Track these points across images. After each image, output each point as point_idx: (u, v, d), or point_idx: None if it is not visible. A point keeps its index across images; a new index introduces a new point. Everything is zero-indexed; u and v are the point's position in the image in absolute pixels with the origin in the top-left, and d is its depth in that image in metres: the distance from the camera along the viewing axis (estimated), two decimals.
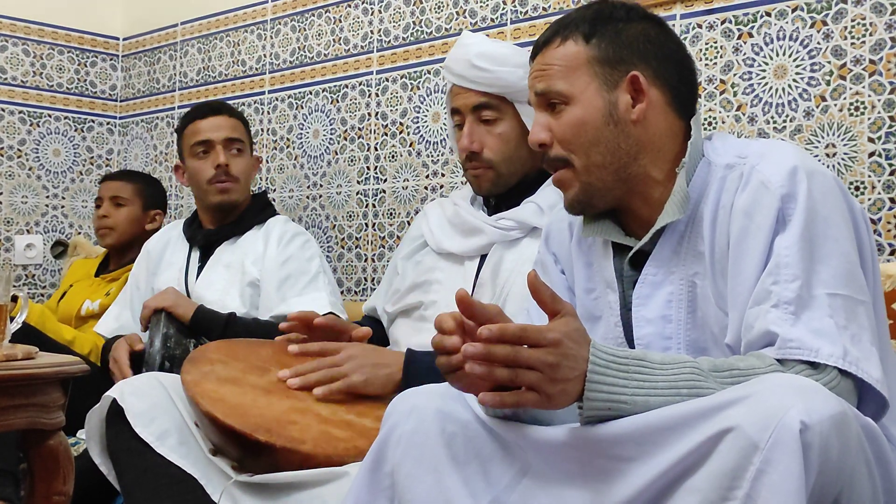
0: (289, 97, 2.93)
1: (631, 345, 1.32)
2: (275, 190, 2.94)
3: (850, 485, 0.96)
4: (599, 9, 1.31)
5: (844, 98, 1.83)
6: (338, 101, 2.78)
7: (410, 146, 2.58)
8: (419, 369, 1.63)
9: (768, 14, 1.93)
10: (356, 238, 2.70)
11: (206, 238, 2.34)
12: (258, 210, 2.37)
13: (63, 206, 3.46)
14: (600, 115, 1.27)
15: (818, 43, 1.86)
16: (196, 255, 2.34)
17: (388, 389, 1.63)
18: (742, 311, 1.17)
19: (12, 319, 1.60)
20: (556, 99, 1.29)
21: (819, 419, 0.92)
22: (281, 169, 2.94)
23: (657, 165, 1.29)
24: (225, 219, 2.35)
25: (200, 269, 2.31)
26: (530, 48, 1.37)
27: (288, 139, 2.92)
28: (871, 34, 1.80)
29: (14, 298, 1.65)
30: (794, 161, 1.18)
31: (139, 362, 2.13)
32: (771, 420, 0.92)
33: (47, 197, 3.43)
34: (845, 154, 1.82)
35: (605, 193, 1.30)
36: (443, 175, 2.50)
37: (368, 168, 2.68)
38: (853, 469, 0.96)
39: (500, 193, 1.85)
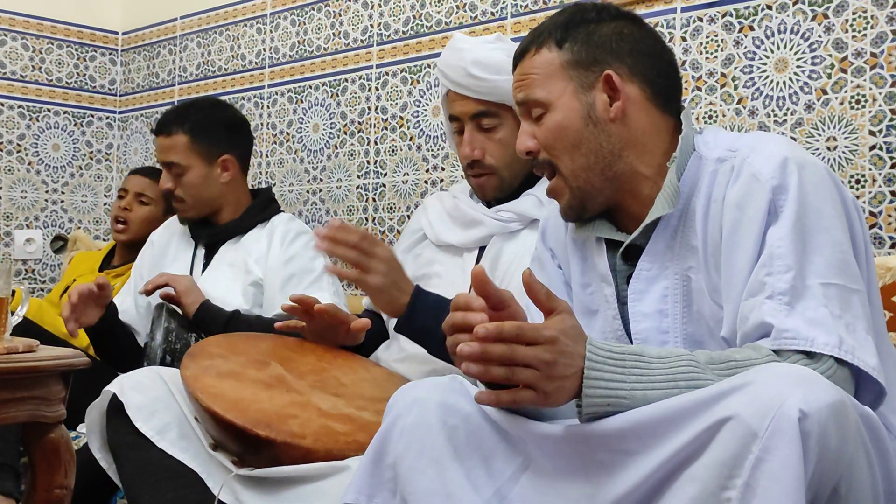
0: (288, 91, 2.93)
1: (630, 338, 1.32)
2: (275, 184, 2.94)
3: (849, 473, 0.97)
4: (572, 13, 1.33)
5: (845, 91, 1.83)
6: (338, 95, 2.77)
7: (410, 140, 2.58)
8: (425, 306, 1.66)
9: (769, 7, 1.93)
10: None
11: (210, 237, 2.33)
12: (261, 207, 2.36)
13: (63, 201, 3.46)
14: (578, 117, 1.28)
15: (819, 36, 1.86)
16: (201, 252, 2.34)
17: (391, 309, 1.68)
18: (736, 303, 1.18)
19: (12, 313, 1.60)
20: (537, 107, 1.30)
21: (817, 407, 0.92)
22: (281, 163, 2.94)
23: (644, 162, 1.29)
24: (222, 218, 2.34)
25: (205, 266, 2.31)
26: None
27: (288, 133, 2.92)
28: (872, 27, 1.80)
29: (13, 293, 1.65)
30: (784, 153, 1.18)
31: (140, 357, 2.13)
32: (769, 409, 0.92)
33: (47, 192, 3.43)
34: (846, 147, 1.82)
35: (595, 196, 1.31)
36: (443, 169, 2.50)
37: (368, 162, 2.68)
38: (852, 457, 0.97)
39: (504, 197, 1.85)
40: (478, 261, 1.84)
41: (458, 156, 1.85)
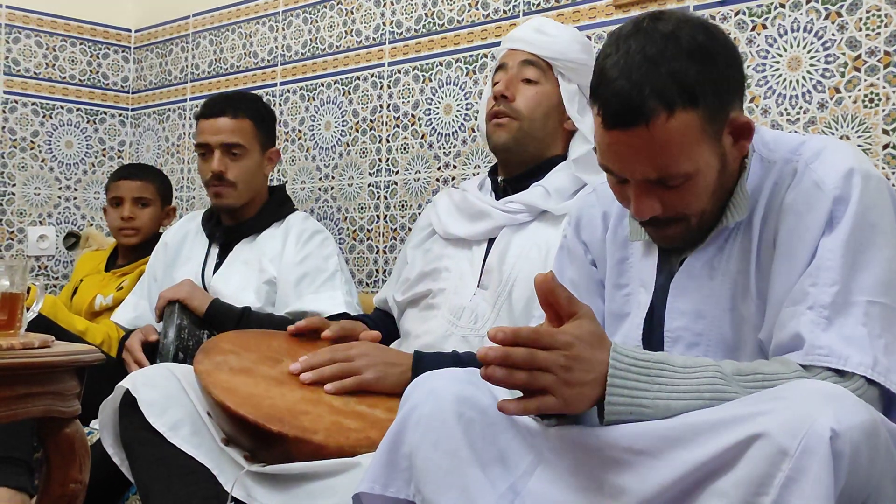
0: (300, 89, 2.93)
1: (647, 345, 1.31)
2: (287, 182, 2.94)
3: (876, 492, 0.96)
4: (683, 48, 1.11)
5: (859, 90, 1.82)
6: (350, 93, 2.78)
7: (422, 138, 2.58)
8: (428, 370, 1.63)
9: (782, 5, 1.92)
10: (368, 230, 2.70)
11: (225, 235, 2.34)
12: (277, 206, 2.37)
13: (75, 198, 3.48)
14: (716, 171, 1.18)
15: (833, 34, 1.85)
16: (215, 250, 2.35)
17: (399, 389, 1.63)
18: (779, 308, 1.16)
19: (28, 309, 1.60)
20: (677, 179, 1.15)
21: (849, 427, 0.91)
22: (293, 161, 2.94)
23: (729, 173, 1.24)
24: (241, 215, 2.35)
25: (218, 265, 2.32)
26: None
27: (300, 131, 2.93)
28: (886, 25, 1.79)
29: (28, 290, 1.66)
30: (850, 163, 1.16)
31: (153, 353, 2.13)
32: (800, 427, 0.91)
33: (60, 188, 3.44)
34: (859, 146, 1.81)
35: (709, 226, 1.25)
36: (454, 167, 2.50)
37: (380, 160, 2.68)
38: (881, 476, 0.96)
39: (512, 158, 1.86)
40: (486, 254, 1.84)
41: (486, 111, 1.87)
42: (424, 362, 1.65)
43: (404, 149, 2.62)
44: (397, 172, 2.63)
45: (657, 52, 1.10)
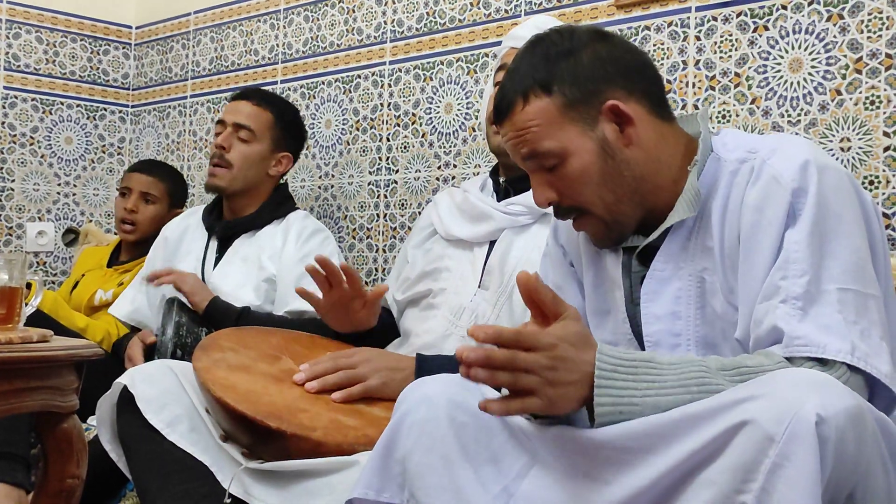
0: (301, 87, 2.93)
1: (639, 339, 1.31)
2: (286, 180, 2.94)
3: (864, 479, 0.96)
4: (543, 52, 1.27)
5: (860, 92, 1.82)
6: (350, 92, 2.77)
7: (423, 137, 2.58)
8: (431, 373, 1.63)
9: (784, 7, 1.92)
10: (367, 228, 2.70)
11: (224, 230, 2.34)
12: (277, 203, 2.37)
13: (75, 194, 3.47)
14: (596, 156, 1.25)
15: (834, 36, 1.85)
16: (214, 245, 2.35)
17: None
18: (751, 306, 1.17)
19: (27, 304, 1.60)
20: (549, 158, 1.26)
21: (835, 412, 0.92)
22: None
23: (662, 174, 1.28)
24: (241, 209, 2.35)
25: (218, 259, 2.32)
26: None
27: None
28: (887, 28, 1.79)
29: (28, 286, 1.65)
30: (805, 155, 1.18)
31: (151, 351, 2.13)
32: (786, 413, 0.92)
33: (59, 185, 3.44)
34: (860, 148, 1.81)
35: (629, 221, 1.29)
36: (455, 166, 2.50)
37: (380, 158, 2.68)
38: (869, 463, 0.96)
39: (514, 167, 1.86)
40: (488, 255, 1.84)
41: (487, 111, 1.87)
42: (427, 365, 1.64)
43: (405, 147, 2.62)
44: (397, 171, 2.63)
45: (521, 61, 1.29)
